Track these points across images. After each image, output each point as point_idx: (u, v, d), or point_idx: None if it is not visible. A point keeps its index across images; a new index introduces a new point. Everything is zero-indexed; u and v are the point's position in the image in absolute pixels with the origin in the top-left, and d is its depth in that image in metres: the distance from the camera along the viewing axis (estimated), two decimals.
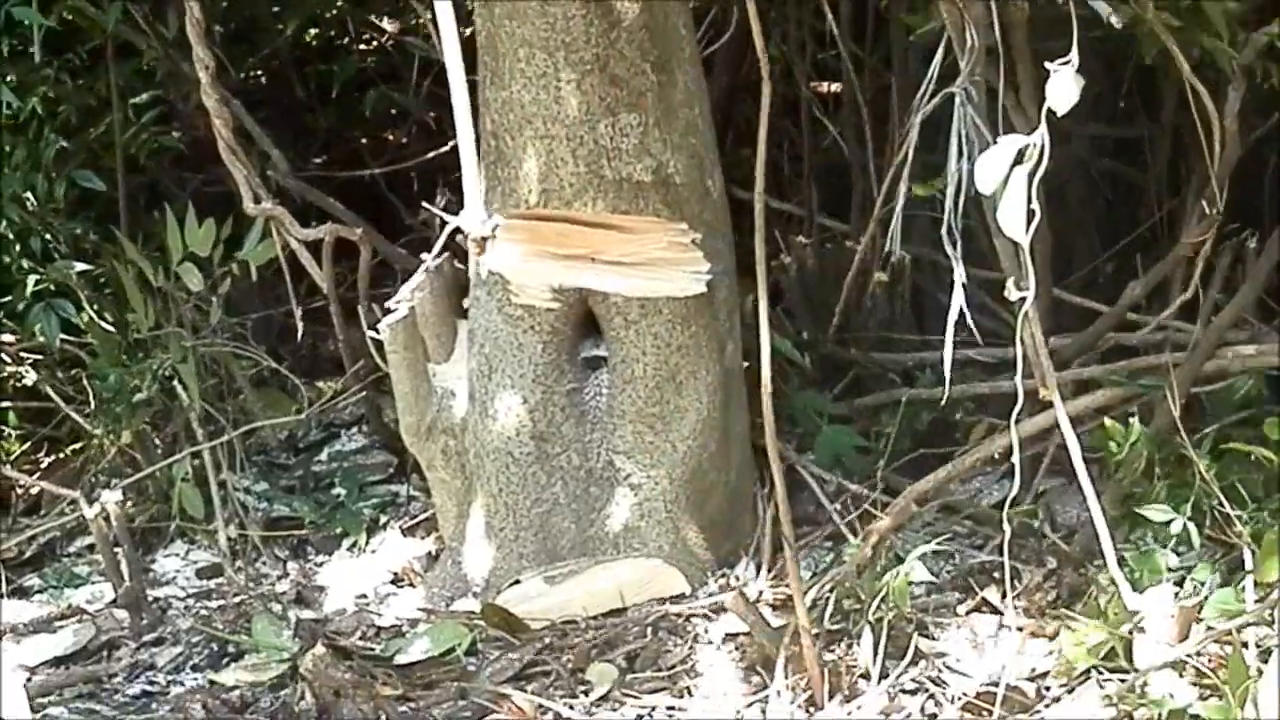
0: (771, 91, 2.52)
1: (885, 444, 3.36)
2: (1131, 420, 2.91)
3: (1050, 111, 1.62)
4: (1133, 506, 2.83)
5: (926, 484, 3.02)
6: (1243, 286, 3.24)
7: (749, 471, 3.20)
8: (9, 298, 3.67)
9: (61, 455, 3.85)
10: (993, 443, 3.07)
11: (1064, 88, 1.62)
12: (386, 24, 4.97)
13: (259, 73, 4.91)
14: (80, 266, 3.60)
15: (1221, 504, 2.78)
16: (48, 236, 3.65)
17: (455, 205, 3.42)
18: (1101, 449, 2.93)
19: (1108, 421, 2.92)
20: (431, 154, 4.65)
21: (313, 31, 5.06)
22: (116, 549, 3.18)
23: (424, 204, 3.00)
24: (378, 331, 3.07)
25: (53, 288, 3.62)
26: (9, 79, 3.67)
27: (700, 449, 3.03)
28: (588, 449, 3.04)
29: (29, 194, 3.62)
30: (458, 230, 2.84)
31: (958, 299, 2.40)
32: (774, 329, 2.79)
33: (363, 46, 5.08)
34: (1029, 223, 1.68)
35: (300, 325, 3.41)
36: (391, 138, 5.10)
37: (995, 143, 2.60)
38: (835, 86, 4.54)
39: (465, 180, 1.51)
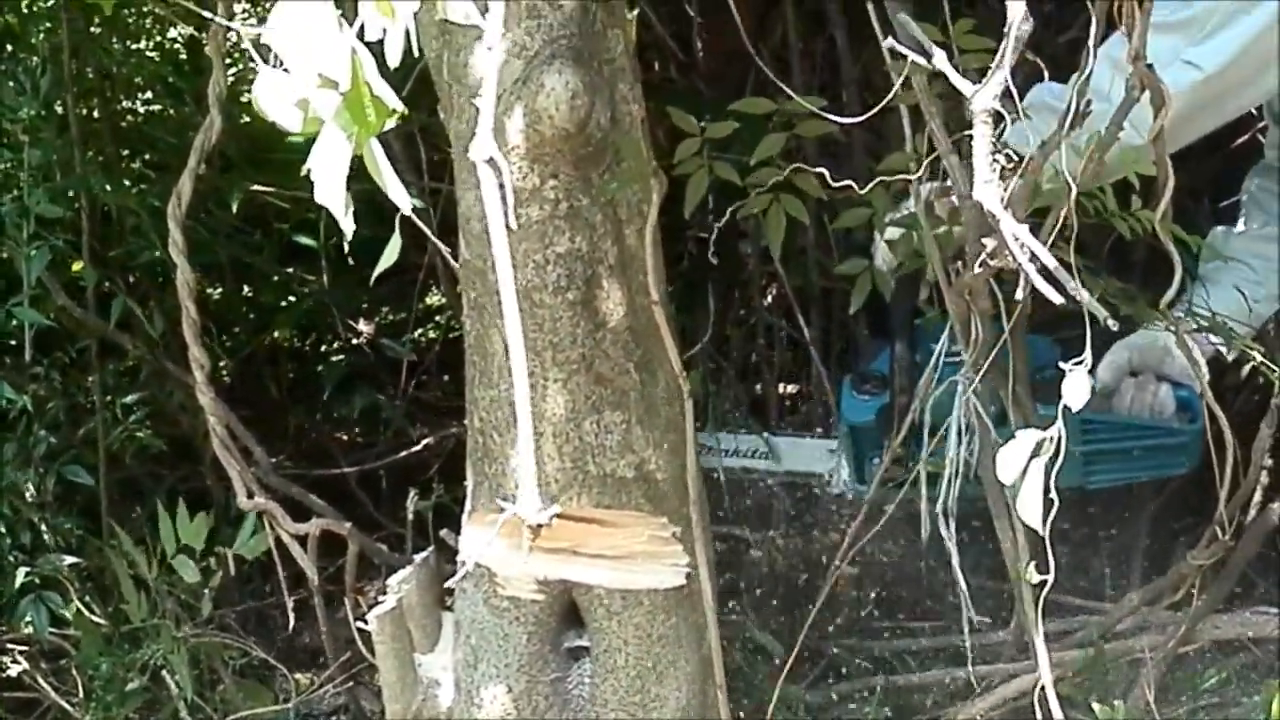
0: None
1: None
2: (1117, 703, 3.00)
3: (1066, 408, 1.72)
4: None
5: None
6: (1221, 575, 3.35)
7: None
8: None
9: None
10: (959, 712, 3.16)
11: (1078, 386, 1.73)
12: (362, 325, 5.09)
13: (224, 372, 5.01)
14: (70, 559, 3.67)
15: None
16: (43, 529, 3.72)
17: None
18: None
19: (1097, 706, 3.01)
20: (403, 453, 4.75)
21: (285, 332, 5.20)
22: None
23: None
24: (364, 622, 3.12)
25: (38, 580, 3.68)
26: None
27: None
28: None
29: (26, 487, 3.70)
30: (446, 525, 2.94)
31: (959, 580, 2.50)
32: (748, 619, 2.89)
33: (336, 345, 5.21)
34: (1047, 512, 1.78)
35: (291, 616, 3.46)
36: (348, 437, 5.20)
37: (993, 432, 2.76)
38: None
39: (522, 469, 1.60)
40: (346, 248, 2.28)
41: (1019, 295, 2.89)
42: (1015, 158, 1.77)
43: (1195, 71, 3.03)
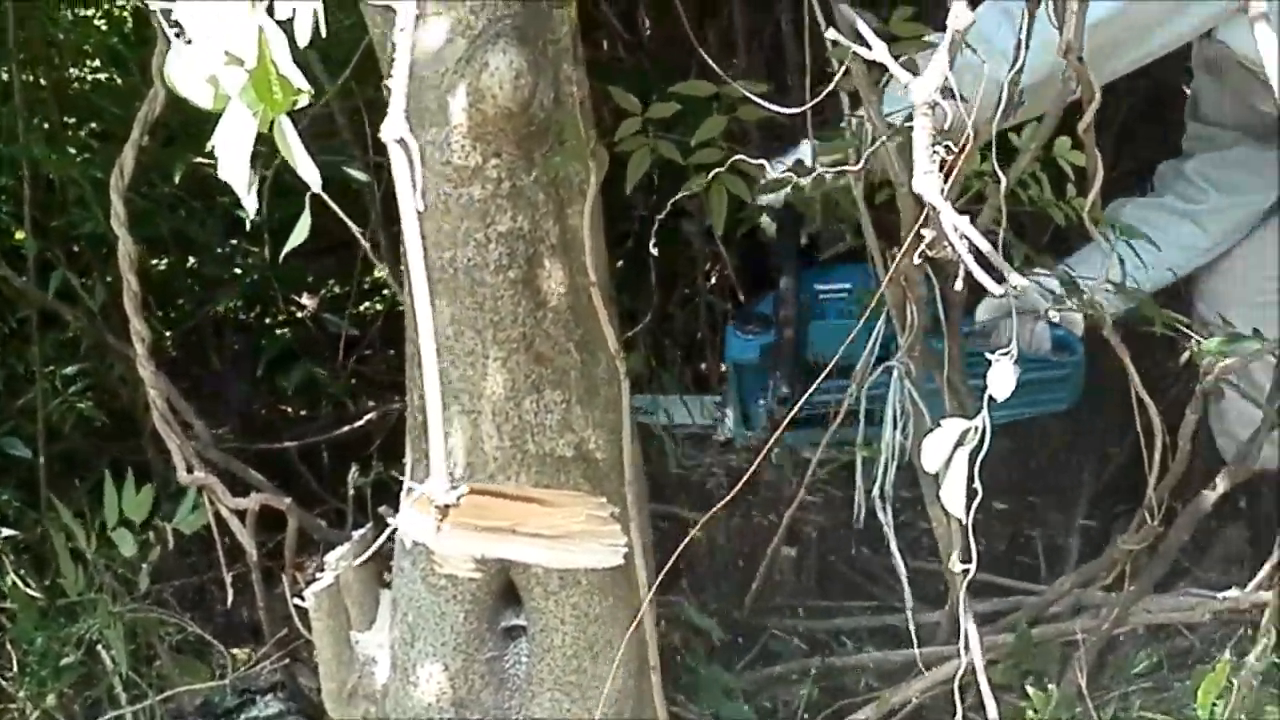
0: None
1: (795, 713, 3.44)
2: (1050, 686, 3.02)
3: (991, 398, 1.73)
4: None
5: None
6: (1154, 559, 3.38)
7: None
8: None
9: None
10: (894, 694, 3.18)
11: (1004, 376, 1.73)
12: (306, 299, 5.08)
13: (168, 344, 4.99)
14: (6, 532, 3.65)
15: None
16: None
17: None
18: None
19: (1030, 688, 3.03)
20: (345, 428, 4.74)
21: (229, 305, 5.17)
22: None
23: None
24: (302, 599, 3.11)
25: None
26: None
27: (616, 716, 3.08)
28: (506, 716, 3.06)
29: None
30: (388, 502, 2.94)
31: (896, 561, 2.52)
32: (684, 598, 2.88)
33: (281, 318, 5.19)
34: (970, 501, 1.79)
35: (229, 591, 3.46)
36: (292, 410, 5.18)
37: (926, 416, 2.78)
38: None
39: (431, 450, 1.59)
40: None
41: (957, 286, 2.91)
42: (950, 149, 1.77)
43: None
